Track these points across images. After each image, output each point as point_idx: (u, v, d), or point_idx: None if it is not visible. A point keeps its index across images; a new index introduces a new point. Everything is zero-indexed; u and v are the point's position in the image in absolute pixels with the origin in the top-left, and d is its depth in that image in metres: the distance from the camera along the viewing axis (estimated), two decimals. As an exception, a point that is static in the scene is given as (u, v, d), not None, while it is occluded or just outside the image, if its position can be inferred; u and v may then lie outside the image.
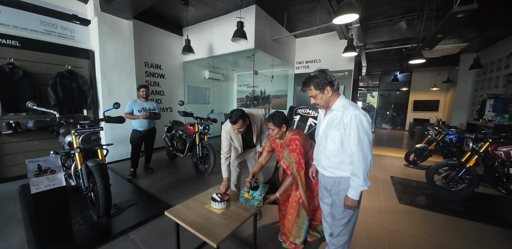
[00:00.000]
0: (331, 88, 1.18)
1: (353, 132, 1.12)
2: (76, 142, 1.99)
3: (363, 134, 1.10)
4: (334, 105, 1.21)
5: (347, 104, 1.18)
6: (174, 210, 1.41)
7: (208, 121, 3.42)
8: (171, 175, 3.38)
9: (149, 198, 2.54)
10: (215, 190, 1.74)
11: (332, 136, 1.20)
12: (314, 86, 1.19)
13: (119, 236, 1.82)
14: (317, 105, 1.25)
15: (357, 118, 1.11)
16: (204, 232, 1.16)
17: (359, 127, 1.11)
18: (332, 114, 1.23)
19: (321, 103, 1.23)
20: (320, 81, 1.17)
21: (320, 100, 1.22)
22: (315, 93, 1.21)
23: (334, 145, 1.20)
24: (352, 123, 1.12)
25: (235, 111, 1.70)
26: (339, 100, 1.21)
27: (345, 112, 1.15)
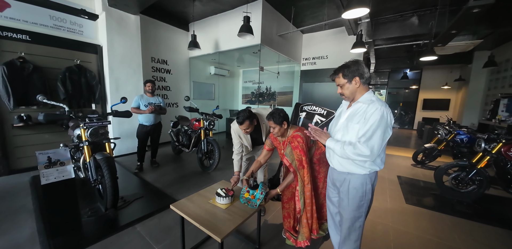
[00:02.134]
0: (360, 79, 1.14)
1: (370, 123, 1.07)
2: (85, 135, 2.02)
3: (381, 129, 1.05)
4: (361, 98, 1.17)
5: (375, 99, 1.14)
6: (179, 204, 1.43)
7: (213, 117, 3.42)
8: (176, 170, 3.42)
9: (155, 191, 2.58)
10: (219, 185, 1.75)
11: (351, 129, 1.16)
12: (343, 74, 1.15)
13: (125, 228, 1.86)
14: (342, 95, 1.22)
15: (381, 112, 1.06)
16: (208, 227, 1.17)
17: (380, 121, 1.05)
18: (356, 107, 1.18)
19: (347, 94, 1.19)
20: (351, 70, 1.13)
21: (346, 90, 1.18)
22: (342, 82, 1.17)
23: (350, 137, 1.16)
24: (374, 116, 1.06)
25: (242, 112, 1.69)
26: (367, 94, 1.17)
27: (371, 106, 1.11)
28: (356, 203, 1.19)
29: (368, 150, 1.05)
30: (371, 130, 1.06)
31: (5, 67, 2.83)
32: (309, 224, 1.54)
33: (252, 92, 7.54)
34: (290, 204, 1.66)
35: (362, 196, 1.17)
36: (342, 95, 1.22)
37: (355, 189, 1.18)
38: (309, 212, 1.51)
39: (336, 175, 1.28)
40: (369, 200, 1.19)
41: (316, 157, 1.62)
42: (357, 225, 1.22)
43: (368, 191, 1.18)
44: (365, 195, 1.17)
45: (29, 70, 3.04)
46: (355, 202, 1.19)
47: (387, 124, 1.07)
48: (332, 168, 1.31)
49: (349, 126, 1.17)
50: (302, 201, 1.49)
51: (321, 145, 1.71)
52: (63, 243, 1.62)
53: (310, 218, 1.53)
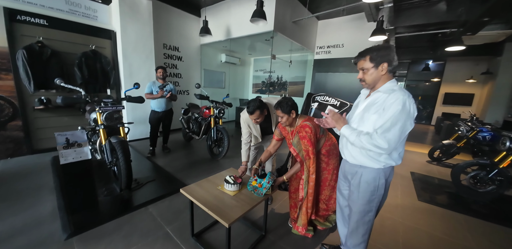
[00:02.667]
0: (388, 66, 1.05)
1: (390, 114, 1.00)
2: (100, 119, 2.09)
3: (401, 121, 0.98)
4: (382, 87, 1.09)
5: (398, 88, 1.06)
6: (189, 188, 1.47)
7: (223, 105, 3.42)
8: (186, 156, 3.51)
9: (166, 176, 2.67)
10: (228, 172, 1.77)
11: (367, 119, 1.09)
12: (371, 57, 1.06)
13: (138, 208, 1.96)
14: (363, 81, 1.14)
15: (403, 102, 0.98)
16: (217, 212, 1.20)
17: (401, 112, 0.98)
18: (375, 96, 1.11)
19: (369, 80, 1.11)
20: (380, 54, 1.04)
21: (369, 76, 1.10)
22: (367, 66, 1.08)
23: (365, 128, 1.10)
24: (394, 106, 0.99)
25: (252, 101, 1.66)
26: (389, 83, 1.09)
27: (392, 95, 1.02)
28: (366, 197, 1.16)
29: (385, 142, 0.99)
30: (390, 121, 0.99)
31: (24, 51, 2.92)
32: (308, 213, 1.55)
33: (263, 81, 7.42)
34: (297, 194, 1.66)
35: (374, 190, 1.14)
36: (362, 81, 1.14)
37: (366, 183, 1.15)
38: (310, 202, 1.51)
39: (348, 168, 1.25)
40: (381, 195, 1.15)
41: (325, 148, 1.58)
42: (366, 219, 1.20)
43: (381, 186, 1.13)
44: (377, 190, 1.14)
45: (48, 55, 3.12)
46: (366, 196, 1.16)
47: (408, 116, 0.99)
48: (345, 160, 1.28)
49: (365, 116, 1.11)
50: (306, 190, 1.51)
51: (332, 136, 1.67)
52: (81, 219, 1.74)
53: (310, 207, 1.54)
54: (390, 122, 0.99)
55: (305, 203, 1.51)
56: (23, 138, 3.12)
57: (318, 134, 1.50)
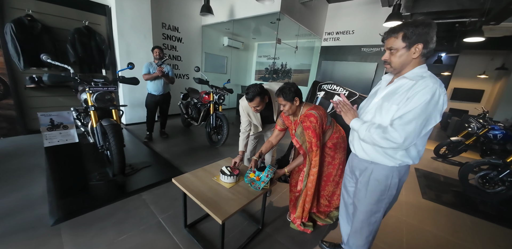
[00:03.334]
0: (423, 48, 0.87)
1: (414, 103, 0.84)
2: (91, 100, 1.95)
3: (425, 113, 0.84)
4: (409, 73, 0.93)
5: (428, 75, 0.89)
6: (182, 178, 1.37)
7: (223, 91, 3.25)
8: (185, 142, 3.41)
9: (163, 162, 2.59)
10: (226, 162, 1.67)
11: (386, 110, 0.95)
12: (405, 35, 0.87)
13: (132, 195, 1.89)
14: (387, 64, 0.97)
15: (432, 92, 0.83)
16: (211, 206, 1.10)
17: (429, 103, 0.83)
18: (399, 83, 0.95)
19: (396, 63, 0.94)
20: (417, 32, 0.85)
21: (398, 58, 0.92)
22: (398, 46, 0.90)
23: (382, 120, 0.96)
24: (421, 95, 0.83)
25: (252, 87, 1.48)
26: (419, 68, 0.92)
27: (420, 82, 0.86)
28: (375, 197, 1.05)
29: (402, 137, 0.85)
30: (412, 113, 0.84)
31: (13, 25, 2.70)
32: (305, 208, 1.47)
33: (266, 68, 7.13)
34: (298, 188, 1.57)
35: (385, 190, 1.02)
36: (386, 63, 0.97)
37: (377, 181, 1.03)
38: (309, 197, 1.42)
39: (357, 163, 1.13)
40: (392, 196, 1.04)
41: (332, 141, 1.46)
42: (372, 220, 1.10)
43: (393, 186, 1.02)
44: (388, 189, 1.02)
45: (38, 30, 2.90)
46: (375, 196, 1.05)
47: (436, 108, 0.84)
48: (353, 154, 1.15)
49: (384, 106, 0.95)
50: (304, 183, 1.42)
51: (340, 128, 1.53)
52: (70, 204, 1.66)
53: (309, 202, 1.45)
54: (413, 113, 0.85)
55: (303, 196, 1.42)
56: (16, 118, 3.01)
57: (324, 125, 1.36)
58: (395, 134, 0.86)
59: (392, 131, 0.86)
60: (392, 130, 0.86)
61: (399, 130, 0.85)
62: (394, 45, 0.91)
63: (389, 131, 0.87)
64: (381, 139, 0.89)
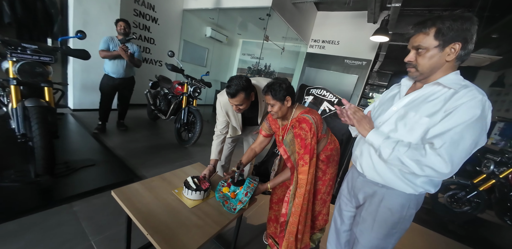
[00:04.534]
0: (460, 48, 0.68)
1: (461, 119, 0.65)
2: (13, 70, 1.41)
3: (475, 132, 0.64)
4: (444, 78, 0.73)
5: (470, 84, 0.71)
6: (127, 190, 0.98)
7: (200, 84, 2.86)
8: (148, 138, 2.91)
9: (113, 161, 2.08)
10: (194, 170, 1.32)
11: (413, 121, 0.74)
12: (439, 30, 0.68)
13: (59, 204, 1.40)
14: (412, 67, 0.76)
15: (482, 106, 0.64)
16: (162, 238, 0.76)
17: (479, 119, 0.64)
18: (430, 90, 0.76)
19: (424, 66, 0.74)
20: (455, 28, 0.67)
21: (427, 60, 0.72)
22: (428, 44, 0.70)
23: (408, 136, 0.74)
24: (469, 109, 0.64)
25: (236, 79, 1.16)
26: (455, 75, 0.73)
27: (464, 92, 0.67)
28: (385, 230, 0.84)
29: (447, 163, 0.63)
30: (459, 131, 0.64)
31: None
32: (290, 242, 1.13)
33: (249, 67, 6.86)
34: (280, 206, 1.31)
35: (397, 223, 0.82)
36: (410, 66, 0.77)
37: (389, 210, 0.82)
38: (301, 224, 1.13)
39: (361, 184, 0.91)
40: (404, 230, 0.84)
41: (326, 153, 1.23)
42: None
43: (408, 218, 0.82)
44: (402, 221, 0.82)
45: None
46: (384, 229, 0.84)
47: (485, 126, 0.66)
48: (357, 172, 0.93)
49: (410, 117, 0.75)
50: (290, 206, 1.11)
51: (335, 138, 1.32)
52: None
53: (293, 233, 1.12)
54: (460, 131, 0.64)
55: (295, 224, 1.14)
56: None
57: (319, 133, 1.13)
58: (437, 159, 0.64)
59: (433, 155, 0.64)
60: (433, 153, 0.64)
61: (443, 154, 0.63)
62: (423, 43, 0.71)
63: (428, 154, 0.65)
64: (416, 165, 0.67)
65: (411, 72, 0.78)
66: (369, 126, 0.81)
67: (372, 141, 0.78)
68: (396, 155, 0.70)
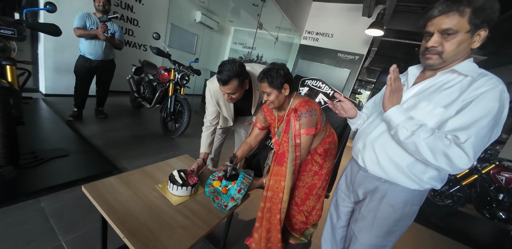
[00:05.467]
0: (485, 35, 0.63)
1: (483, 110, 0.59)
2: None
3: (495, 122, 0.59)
4: (459, 66, 0.66)
5: (486, 72, 0.65)
6: (100, 186, 0.85)
7: (188, 70, 2.66)
8: (130, 127, 2.71)
9: (89, 151, 1.90)
10: (180, 163, 1.20)
11: (426, 112, 0.67)
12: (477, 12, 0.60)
13: (23, 199, 1.23)
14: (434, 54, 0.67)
15: (500, 95, 0.59)
16: (140, 241, 0.65)
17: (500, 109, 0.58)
18: (445, 78, 0.69)
19: (450, 53, 0.65)
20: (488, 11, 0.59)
21: (456, 47, 0.64)
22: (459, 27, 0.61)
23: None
24: (490, 98, 0.59)
25: (228, 64, 1.04)
26: (469, 62, 0.67)
27: (482, 81, 0.61)
28: (385, 227, 0.79)
29: (470, 158, 0.58)
30: (485, 125, 0.58)
31: None
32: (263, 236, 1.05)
33: (241, 57, 6.63)
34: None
35: (399, 219, 0.77)
36: (430, 52, 0.68)
37: (391, 207, 0.77)
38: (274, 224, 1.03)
39: (362, 179, 0.85)
40: (406, 227, 0.80)
41: (324, 146, 1.17)
42: None
43: (412, 215, 0.78)
44: (404, 219, 0.78)
45: None
46: (385, 226, 0.79)
47: (501, 118, 0.60)
48: (358, 166, 0.87)
49: (422, 107, 0.68)
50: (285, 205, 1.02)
51: (333, 131, 1.26)
52: None
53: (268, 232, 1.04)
54: (487, 126, 0.58)
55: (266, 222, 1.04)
56: None
57: (318, 125, 1.05)
58: (461, 154, 0.58)
59: (457, 148, 0.58)
60: (457, 147, 0.59)
61: (468, 149, 0.58)
62: (455, 26, 0.62)
63: (452, 146, 0.59)
64: (431, 153, 0.61)
65: (431, 59, 0.70)
66: (396, 101, 0.71)
67: (392, 117, 0.69)
68: (414, 139, 0.64)
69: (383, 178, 0.77)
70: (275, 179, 1.01)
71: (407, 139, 0.65)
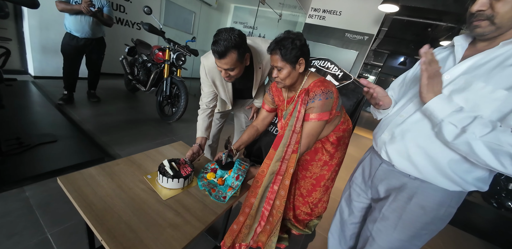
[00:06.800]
0: None
1: None
2: None
3: None
4: None
5: None
6: (78, 177, 0.73)
7: (184, 50, 2.45)
8: (124, 111, 2.58)
9: (80, 136, 1.79)
10: (173, 150, 1.08)
11: (481, 95, 0.52)
12: None
13: (6, 188, 1.14)
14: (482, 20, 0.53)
15: None
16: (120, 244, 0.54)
17: None
18: (508, 50, 0.53)
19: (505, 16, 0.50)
20: None
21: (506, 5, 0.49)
22: None
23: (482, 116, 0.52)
24: None
25: (226, 32, 0.86)
26: None
27: None
28: (411, 231, 0.68)
29: None
30: None
31: None
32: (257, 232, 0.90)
33: (241, 37, 6.23)
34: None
35: (430, 223, 0.65)
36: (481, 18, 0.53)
37: (422, 209, 0.64)
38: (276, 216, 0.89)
39: (385, 174, 0.72)
40: (436, 231, 0.68)
41: (337, 134, 1.03)
42: None
43: (446, 218, 0.66)
44: (435, 222, 0.66)
45: None
46: (411, 229, 0.67)
47: None
48: (379, 159, 0.74)
49: (477, 89, 0.53)
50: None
51: (349, 118, 1.12)
52: None
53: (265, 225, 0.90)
54: None
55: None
56: None
57: (334, 110, 0.90)
58: None
59: None
60: None
61: None
62: None
63: None
64: (493, 156, 0.47)
65: (480, 27, 0.54)
66: (438, 89, 0.57)
67: (434, 110, 0.55)
68: (466, 138, 0.49)
69: (414, 175, 0.64)
70: (265, 162, 0.89)
71: (457, 139, 0.51)
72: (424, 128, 0.61)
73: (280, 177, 0.88)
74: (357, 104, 1.58)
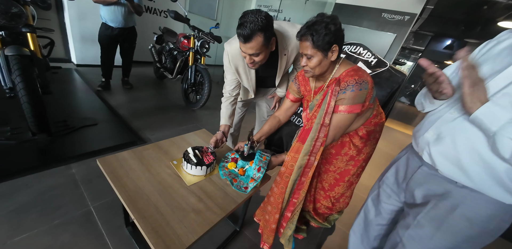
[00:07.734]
0: None
1: None
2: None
3: None
4: None
5: None
6: (114, 160, 0.80)
7: (208, 37, 2.43)
8: (153, 97, 2.72)
9: (116, 121, 1.94)
10: (198, 138, 1.11)
11: None
12: None
13: (55, 165, 1.31)
14: None
15: None
16: (149, 225, 0.59)
17: None
18: None
19: None
20: None
21: None
22: None
23: None
24: None
25: (252, 14, 0.80)
26: None
27: None
28: (450, 243, 0.61)
29: None
30: None
31: None
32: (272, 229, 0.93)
33: (266, 22, 5.97)
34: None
35: (476, 237, 0.58)
36: None
37: (467, 221, 0.57)
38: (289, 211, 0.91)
39: (426, 178, 0.64)
40: (482, 245, 0.60)
41: (368, 128, 0.96)
42: None
43: (494, 234, 0.57)
44: (482, 236, 0.58)
45: None
46: (451, 241, 0.61)
47: None
48: (419, 160, 0.66)
49: None
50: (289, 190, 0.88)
51: (382, 111, 1.03)
52: None
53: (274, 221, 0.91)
54: None
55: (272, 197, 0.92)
56: None
57: (367, 102, 0.83)
58: None
59: None
60: None
61: None
62: None
63: None
64: None
65: None
66: (484, 97, 0.49)
67: (484, 121, 0.47)
68: None
69: (463, 184, 0.56)
70: (292, 156, 0.87)
71: None
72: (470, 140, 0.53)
73: (308, 170, 0.86)
74: (391, 95, 1.44)
